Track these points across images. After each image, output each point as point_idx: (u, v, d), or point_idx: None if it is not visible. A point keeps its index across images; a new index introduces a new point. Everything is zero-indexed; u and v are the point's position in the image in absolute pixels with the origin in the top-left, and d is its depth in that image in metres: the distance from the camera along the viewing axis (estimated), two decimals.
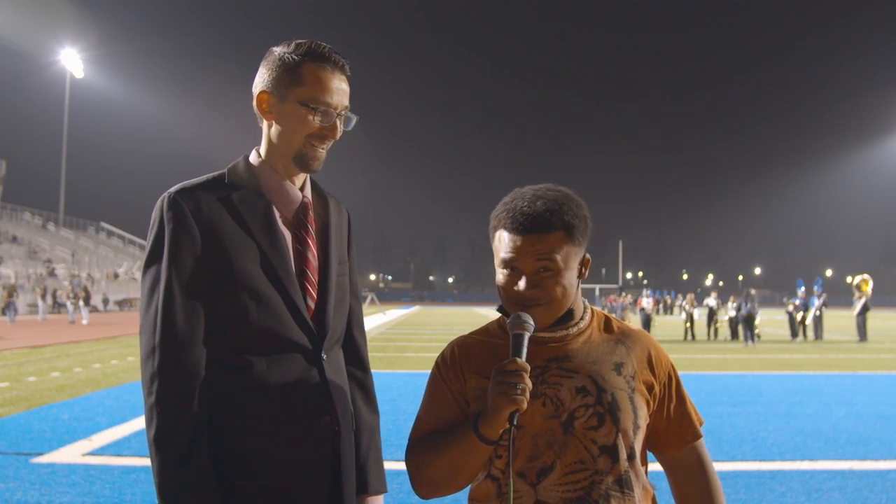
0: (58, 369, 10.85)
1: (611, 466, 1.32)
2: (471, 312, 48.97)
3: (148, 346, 1.39)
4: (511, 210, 1.39)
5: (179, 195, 1.44)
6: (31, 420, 6.75)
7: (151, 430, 1.37)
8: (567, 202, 1.40)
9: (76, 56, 57.44)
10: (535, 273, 1.36)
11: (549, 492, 1.32)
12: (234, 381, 1.43)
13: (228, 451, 1.41)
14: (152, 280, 1.42)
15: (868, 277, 21.39)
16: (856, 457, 5.54)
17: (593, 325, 1.45)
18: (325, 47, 1.50)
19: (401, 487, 4.61)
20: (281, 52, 1.50)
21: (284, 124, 1.50)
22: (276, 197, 1.53)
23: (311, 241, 1.55)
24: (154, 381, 1.37)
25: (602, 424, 1.33)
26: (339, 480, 1.51)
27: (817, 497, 4.45)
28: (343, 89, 1.52)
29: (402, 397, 8.21)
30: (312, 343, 1.49)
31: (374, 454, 1.67)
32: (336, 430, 1.51)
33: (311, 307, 1.52)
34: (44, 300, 29.89)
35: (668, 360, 1.48)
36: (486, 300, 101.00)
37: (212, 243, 1.42)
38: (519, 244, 1.37)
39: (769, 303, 56.12)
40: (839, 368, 12.45)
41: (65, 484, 4.58)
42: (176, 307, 1.39)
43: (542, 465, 1.33)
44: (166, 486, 1.35)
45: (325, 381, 1.50)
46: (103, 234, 60.25)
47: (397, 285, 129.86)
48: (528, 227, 1.36)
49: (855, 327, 20.55)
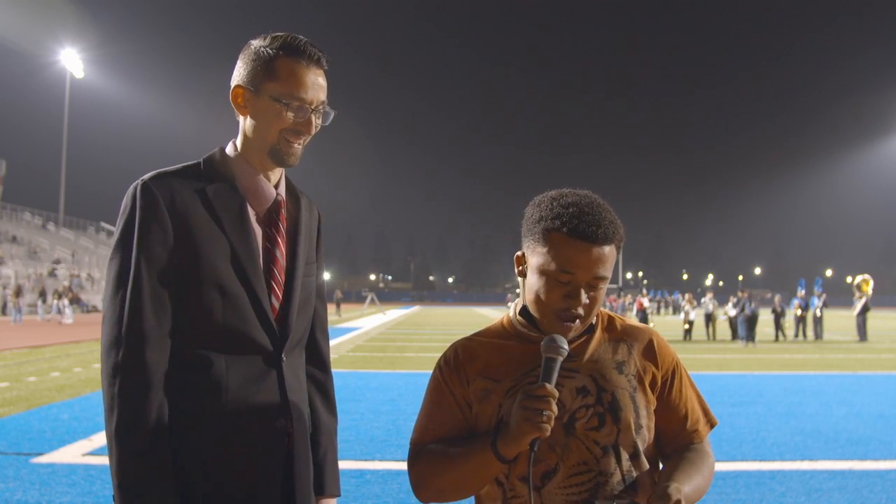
0: (58, 369, 10.85)
1: (615, 466, 1.31)
2: (471, 312, 48.97)
3: (111, 336, 1.36)
4: (577, 216, 1.31)
5: (153, 182, 1.41)
6: (31, 420, 6.75)
7: (112, 422, 1.34)
8: (619, 224, 1.37)
9: (76, 56, 57.37)
10: (589, 286, 1.33)
11: (554, 495, 1.30)
12: (192, 378, 1.41)
13: (182, 449, 1.39)
14: (119, 267, 1.39)
15: (868, 277, 21.42)
16: (856, 457, 5.54)
17: (597, 326, 1.43)
18: (301, 41, 1.47)
19: (400, 487, 4.61)
20: (257, 46, 1.48)
21: (259, 119, 1.48)
22: (251, 193, 1.51)
23: (280, 239, 1.53)
24: (117, 374, 1.34)
25: (603, 424, 1.32)
26: (292, 483, 1.50)
27: (817, 497, 4.45)
28: (319, 84, 1.49)
29: (402, 397, 8.19)
30: (273, 344, 1.47)
31: (332, 457, 1.66)
32: (290, 433, 1.49)
33: (276, 307, 1.50)
34: (43, 301, 29.90)
35: (673, 354, 1.46)
36: (486, 300, 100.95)
37: (183, 235, 1.40)
38: (583, 254, 1.30)
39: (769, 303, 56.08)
40: (839, 368, 12.45)
41: (65, 484, 4.58)
42: (144, 298, 1.36)
43: (546, 468, 1.31)
44: (125, 480, 1.33)
45: (282, 384, 1.48)
46: (103, 234, 60.23)
47: (397, 285, 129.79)
48: (595, 238, 1.30)
49: (855, 327, 20.56)
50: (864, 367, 12.67)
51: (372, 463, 5.22)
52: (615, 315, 1.48)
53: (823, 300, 21.89)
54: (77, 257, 46.95)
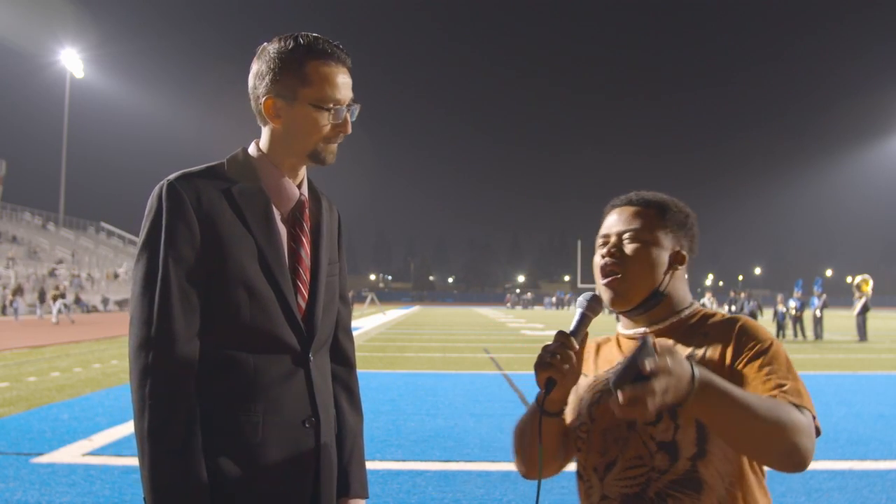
0: (58, 369, 10.83)
1: (669, 464, 1.29)
2: (471, 312, 48.95)
3: (141, 337, 1.36)
4: (618, 196, 1.49)
5: (179, 182, 1.41)
6: (31, 420, 6.74)
7: (143, 423, 1.33)
8: (674, 202, 1.48)
9: (76, 56, 57.41)
10: (618, 241, 1.42)
11: (611, 486, 1.35)
12: (221, 377, 1.40)
13: (212, 449, 1.39)
14: (147, 268, 1.38)
15: (868, 277, 21.40)
16: (856, 457, 5.54)
17: (688, 321, 1.42)
18: (325, 41, 1.47)
19: (400, 487, 4.61)
20: (279, 51, 1.45)
21: (296, 126, 1.47)
22: (275, 193, 1.51)
23: (305, 239, 1.53)
24: (147, 375, 1.34)
25: (660, 420, 1.30)
26: (319, 483, 1.50)
27: (817, 497, 4.45)
28: (348, 82, 1.49)
29: (402, 397, 8.21)
30: (301, 344, 1.47)
31: (357, 458, 1.65)
32: (318, 433, 1.49)
33: (302, 307, 1.50)
34: (41, 301, 29.90)
35: (758, 337, 1.31)
36: (486, 300, 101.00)
37: (209, 235, 1.40)
38: (612, 219, 1.46)
39: (769, 303, 56.09)
40: (839, 368, 12.44)
41: (65, 484, 4.57)
42: (173, 299, 1.36)
43: (609, 459, 1.35)
44: (159, 481, 1.32)
45: (310, 384, 1.48)
46: (103, 234, 60.21)
47: (397, 285, 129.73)
48: (623, 203, 1.46)
49: (855, 327, 20.55)
50: (864, 367, 12.65)
51: (372, 463, 5.22)
52: (714, 312, 1.44)
53: (823, 300, 21.87)
54: (77, 257, 46.93)
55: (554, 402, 1.37)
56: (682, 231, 1.45)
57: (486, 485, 4.64)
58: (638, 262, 1.39)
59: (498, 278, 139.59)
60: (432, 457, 5.35)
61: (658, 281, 1.40)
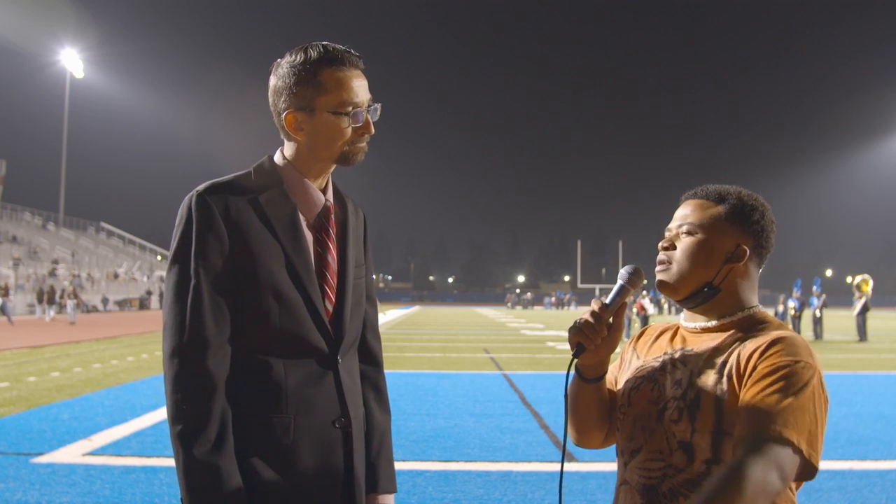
0: (58, 369, 10.85)
1: (685, 464, 1.29)
2: (471, 312, 48.95)
3: (173, 344, 1.40)
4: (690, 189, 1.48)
5: (207, 193, 1.45)
6: (31, 420, 6.75)
7: (177, 426, 1.38)
8: (741, 194, 1.43)
9: (76, 56, 57.37)
10: (676, 233, 1.43)
11: (633, 473, 1.37)
12: (252, 382, 1.45)
13: (245, 452, 1.43)
14: (179, 277, 1.43)
15: (868, 277, 21.38)
16: (856, 457, 5.54)
17: (740, 325, 1.38)
18: (335, 48, 1.49)
19: (400, 487, 4.61)
20: (292, 65, 1.48)
21: (319, 136, 1.50)
22: (301, 200, 1.54)
23: (331, 244, 1.56)
24: (180, 381, 1.38)
25: (681, 419, 1.31)
26: (351, 482, 1.53)
27: (817, 497, 4.45)
28: (363, 84, 1.52)
29: (403, 397, 8.22)
30: (329, 346, 1.51)
31: (385, 454, 1.69)
32: (349, 433, 1.53)
33: (329, 310, 1.54)
34: (39, 301, 29.89)
35: (784, 354, 1.23)
36: (486, 300, 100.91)
37: (238, 244, 1.44)
38: (678, 212, 1.45)
39: (769, 302, 56.09)
40: (839, 368, 12.44)
41: (65, 484, 4.58)
42: (205, 307, 1.40)
43: (635, 446, 1.38)
44: (194, 484, 1.36)
45: (339, 385, 1.52)
46: (103, 234, 60.21)
47: (397, 285, 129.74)
48: (689, 195, 1.45)
49: (855, 327, 20.55)
50: (864, 367, 12.67)
51: None
52: (766, 317, 1.38)
53: (823, 300, 21.86)
54: (77, 257, 46.93)
55: (588, 368, 1.42)
56: (745, 224, 1.39)
57: (486, 485, 4.64)
58: (686, 253, 1.39)
59: (498, 278, 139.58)
60: (432, 457, 5.36)
61: (710, 275, 1.37)
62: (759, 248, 1.41)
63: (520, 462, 5.16)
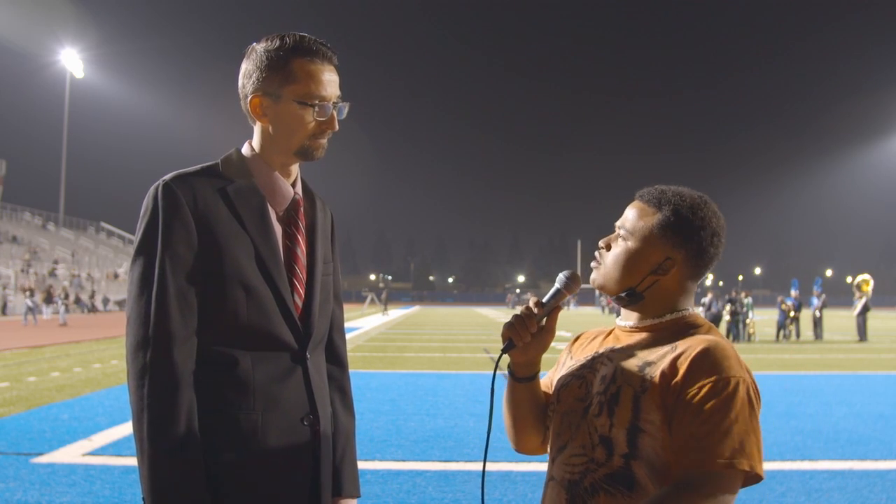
0: (58, 369, 10.84)
1: (605, 459, 1.31)
2: (471, 312, 48.94)
3: (138, 337, 1.36)
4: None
5: (174, 183, 1.41)
6: (31, 420, 6.74)
7: (143, 423, 1.33)
8: (680, 203, 1.38)
9: (76, 56, 57.36)
10: (615, 236, 1.44)
11: (559, 468, 1.39)
12: (219, 376, 1.41)
13: (211, 447, 1.39)
14: (143, 268, 1.39)
15: (868, 277, 21.38)
16: (856, 457, 5.54)
17: (669, 327, 1.38)
18: (311, 39, 1.48)
19: (400, 487, 4.61)
20: (265, 50, 1.47)
21: (282, 123, 1.48)
22: (270, 192, 1.52)
23: (300, 237, 1.54)
24: (145, 374, 1.34)
25: (601, 413, 1.33)
26: (318, 481, 1.51)
27: (817, 497, 4.45)
28: (334, 80, 1.50)
29: (402, 397, 8.20)
30: (298, 342, 1.48)
31: (350, 458, 1.66)
32: (316, 430, 1.50)
33: (299, 305, 1.51)
34: (39, 301, 29.87)
35: (711, 372, 1.24)
36: (486, 300, 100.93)
37: (206, 234, 1.40)
38: (625, 212, 1.46)
39: (769, 302, 56.07)
40: (839, 368, 12.45)
41: (65, 484, 4.57)
42: (170, 299, 1.36)
43: (562, 442, 1.39)
44: (158, 480, 1.32)
45: (308, 382, 1.49)
46: (103, 234, 60.18)
47: (397, 285, 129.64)
48: (636, 196, 1.46)
49: (855, 327, 20.55)
50: (864, 367, 12.66)
51: (372, 463, 5.22)
52: (697, 320, 1.39)
53: (823, 300, 21.85)
54: (77, 257, 46.92)
55: (519, 367, 1.45)
56: (677, 238, 1.36)
57: (486, 485, 4.62)
58: (614, 259, 1.42)
59: (498, 278, 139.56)
60: (432, 457, 5.36)
61: (634, 282, 1.39)
62: (694, 260, 1.38)
63: (520, 462, 5.15)
